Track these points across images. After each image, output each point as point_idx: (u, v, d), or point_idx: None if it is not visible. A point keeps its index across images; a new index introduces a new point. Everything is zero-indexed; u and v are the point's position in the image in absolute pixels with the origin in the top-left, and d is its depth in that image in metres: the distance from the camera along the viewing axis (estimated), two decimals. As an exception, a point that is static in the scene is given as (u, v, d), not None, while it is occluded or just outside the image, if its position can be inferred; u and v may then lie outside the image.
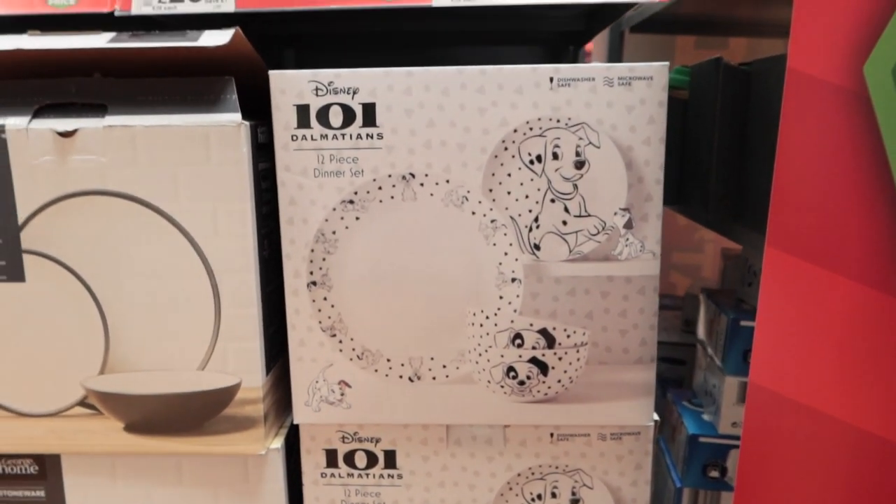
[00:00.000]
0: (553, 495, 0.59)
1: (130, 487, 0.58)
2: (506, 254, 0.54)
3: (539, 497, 0.59)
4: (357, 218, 0.54)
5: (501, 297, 0.55)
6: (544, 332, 0.55)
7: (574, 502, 0.59)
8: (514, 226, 0.54)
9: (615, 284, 0.54)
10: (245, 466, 0.57)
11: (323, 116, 0.53)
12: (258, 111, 0.57)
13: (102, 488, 0.58)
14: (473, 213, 0.54)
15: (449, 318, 0.55)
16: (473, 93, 0.52)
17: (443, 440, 0.58)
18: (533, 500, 0.59)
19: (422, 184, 0.53)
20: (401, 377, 0.57)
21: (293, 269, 0.55)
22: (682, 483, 0.76)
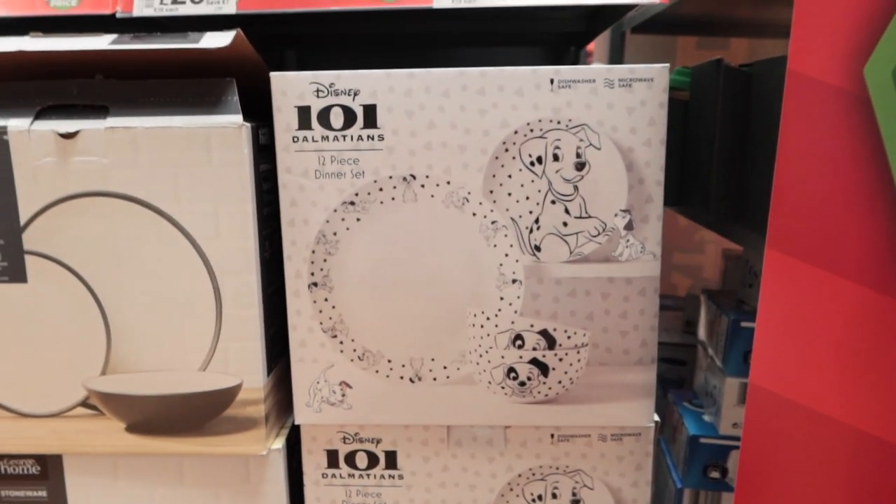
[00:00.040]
0: (554, 496, 0.59)
1: (132, 488, 0.58)
2: (506, 255, 0.54)
3: (540, 498, 0.59)
4: (358, 219, 0.54)
5: (502, 298, 0.55)
6: (545, 334, 0.55)
7: (574, 503, 0.59)
8: (515, 227, 0.54)
9: (616, 286, 0.54)
10: (246, 467, 0.58)
11: (324, 118, 0.53)
12: (259, 112, 0.57)
13: (104, 488, 0.59)
14: (474, 215, 0.54)
15: (449, 319, 0.55)
16: (474, 94, 0.52)
17: (443, 441, 0.58)
18: (534, 501, 0.59)
19: (422, 185, 0.53)
20: (402, 378, 0.57)
21: (294, 270, 0.55)
22: (683, 484, 0.76)
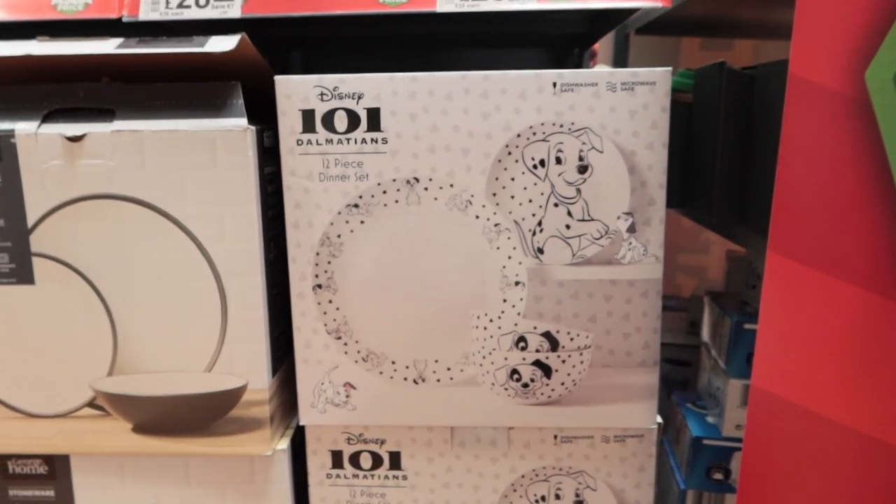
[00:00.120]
0: (557, 497, 0.59)
1: (138, 487, 0.59)
2: (509, 257, 0.54)
3: (543, 499, 0.59)
4: (362, 222, 0.55)
5: (505, 301, 0.55)
6: (548, 335, 0.55)
7: (577, 504, 0.59)
8: (518, 230, 0.54)
9: (618, 288, 0.54)
10: (251, 467, 0.58)
11: (328, 121, 0.53)
12: (264, 115, 0.58)
13: (111, 488, 0.59)
14: (477, 217, 0.54)
15: (453, 321, 0.56)
16: (477, 98, 0.52)
17: (447, 442, 0.59)
18: (537, 502, 0.59)
19: (426, 188, 0.54)
20: (405, 379, 0.57)
21: (299, 272, 0.56)
22: (686, 485, 0.76)
